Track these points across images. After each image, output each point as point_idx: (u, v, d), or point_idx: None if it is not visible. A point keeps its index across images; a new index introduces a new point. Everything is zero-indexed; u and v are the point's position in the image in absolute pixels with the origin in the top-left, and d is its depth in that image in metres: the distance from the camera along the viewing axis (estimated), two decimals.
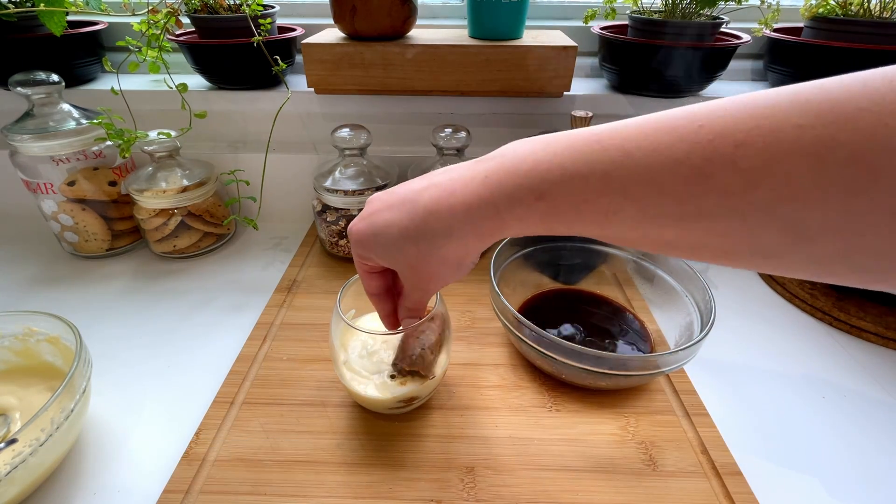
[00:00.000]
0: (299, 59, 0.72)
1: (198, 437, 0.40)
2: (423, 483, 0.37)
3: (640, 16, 0.65)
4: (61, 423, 0.35)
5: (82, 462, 0.40)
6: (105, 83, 0.71)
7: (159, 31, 0.56)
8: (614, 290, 0.56)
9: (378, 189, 0.59)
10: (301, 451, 0.39)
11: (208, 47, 0.65)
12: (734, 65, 0.69)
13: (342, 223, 0.60)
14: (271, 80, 0.68)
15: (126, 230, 0.66)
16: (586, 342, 0.49)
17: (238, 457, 0.39)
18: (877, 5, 0.62)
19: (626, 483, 0.37)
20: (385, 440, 0.40)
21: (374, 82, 0.63)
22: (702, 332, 0.41)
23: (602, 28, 0.70)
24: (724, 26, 0.64)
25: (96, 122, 0.55)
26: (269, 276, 0.62)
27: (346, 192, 0.58)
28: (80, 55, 0.69)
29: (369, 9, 0.59)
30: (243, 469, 0.38)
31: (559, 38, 0.64)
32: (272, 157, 0.66)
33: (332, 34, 0.66)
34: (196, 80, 0.70)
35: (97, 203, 0.62)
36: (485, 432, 0.41)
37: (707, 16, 0.65)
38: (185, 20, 0.66)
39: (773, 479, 0.39)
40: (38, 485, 0.37)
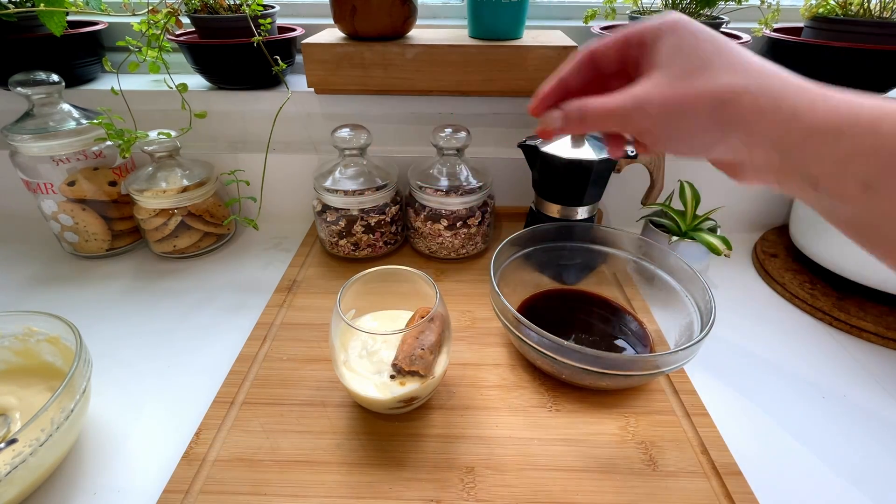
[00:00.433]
0: (299, 59, 0.72)
1: (198, 437, 0.40)
2: (423, 483, 0.37)
3: (640, 16, 0.65)
4: (61, 423, 0.35)
5: (82, 462, 0.40)
6: (105, 83, 0.71)
7: (159, 31, 0.56)
8: (614, 290, 0.56)
9: (378, 189, 0.59)
10: (301, 451, 0.39)
11: (208, 47, 0.65)
12: None
13: (342, 223, 0.60)
14: (271, 80, 0.68)
15: (126, 230, 0.66)
16: (586, 342, 0.49)
17: (238, 457, 0.39)
18: (877, 5, 0.62)
19: (626, 483, 0.37)
20: (385, 440, 0.40)
21: (374, 82, 0.63)
22: (702, 332, 0.41)
23: (602, 28, 0.70)
24: (724, 26, 0.64)
25: (96, 122, 0.55)
26: (269, 276, 0.62)
27: (346, 192, 0.58)
28: (80, 55, 0.69)
29: (369, 9, 0.59)
30: (243, 469, 0.38)
31: (559, 38, 0.64)
32: (272, 157, 0.66)
33: (332, 34, 0.66)
34: (196, 80, 0.70)
35: (97, 203, 0.62)
36: (485, 432, 0.41)
37: (707, 16, 0.65)
38: (185, 20, 0.66)
39: (773, 479, 0.39)
40: (38, 485, 0.37)
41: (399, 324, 0.44)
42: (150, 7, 0.57)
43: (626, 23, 0.68)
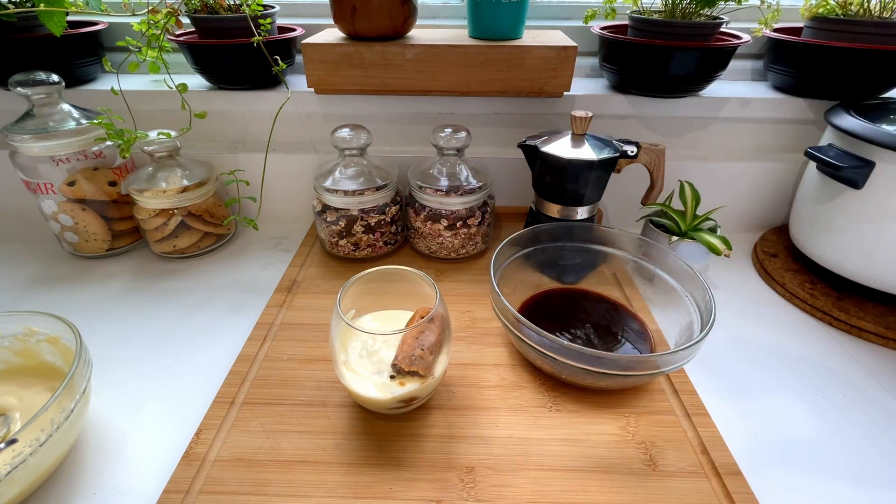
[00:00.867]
0: (299, 59, 0.72)
1: (198, 437, 0.40)
2: (423, 483, 0.37)
3: (640, 16, 0.65)
4: (61, 424, 0.35)
5: (82, 462, 0.40)
6: (105, 83, 0.71)
7: (159, 32, 0.56)
8: (614, 290, 0.56)
9: (378, 189, 0.59)
10: (301, 451, 0.39)
11: (208, 47, 0.65)
12: (734, 65, 0.69)
13: (342, 223, 0.60)
14: (271, 80, 0.68)
15: (126, 230, 0.66)
16: (586, 342, 0.49)
17: (238, 457, 0.39)
18: (877, 5, 0.62)
19: (626, 483, 0.37)
20: (385, 440, 0.40)
21: (374, 82, 0.63)
22: (702, 332, 0.41)
23: (602, 28, 0.70)
24: (723, 26, 0.64)
25: (96, 122, 0.55)
26: (269, 276, 0.62)
27: (346, 192, 0.58)
28: (80, 55, 0.69)
29: (369, 9, 0.59)
30: (243, 469, 0.38)
31: (559, 38, 0.64)
32: (272, 157, 0.66)
33: (332, 34, 0.66)
34: (196, 80, 0.70)
35: (97, 203, 0.62)
36: (485, 432, 0.41)
37: (707, 16, 0.65)
38: (185, 20, 0.66)
39: (773, 479, 0.39)
40: (38, 485, 0.37)
41: (399, 324, 0.44)
42: (150, 7, 0.57)
43: (626, 22, 0.68)
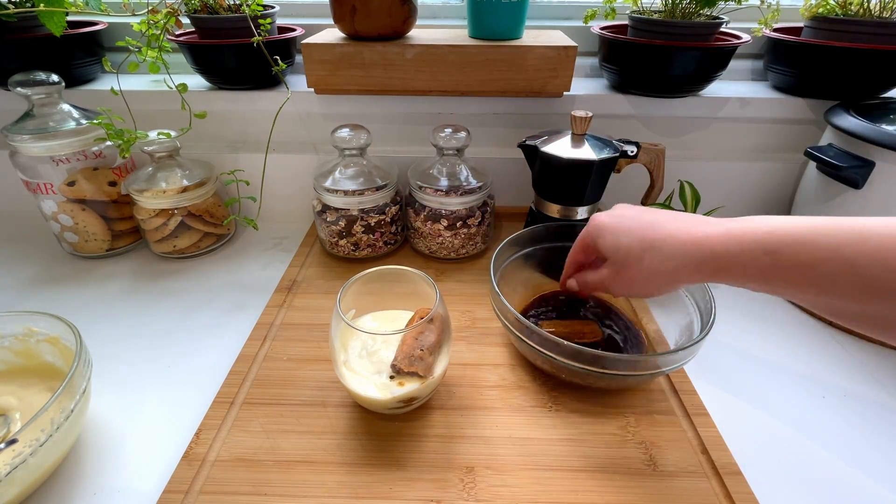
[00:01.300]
0: (299, 59, 0.72)
1: (198, 437, 0.40)
2: (423, 483, 0.37)
3: (640, 16, 0.65)
4: (61, 424, 0.35)
5: (82, 462, 0.40)
6: (105, 83, 0.71)
7: (159, 32, 0.56)
8: None
9: (378, 189, 0.59)
10: (301, 451, 0.39)
11: (208, 47, 0.65)
12: (734, 65, 0.69)
13: (342, 223, 0.60)
14: (271, 80, 0.68)
15: (126, 230, 0.66)
16: (586, 342, 0.49)
17: (238, 457, 0.39)
18: (877, 5, 0.62)
19: (626, 483, 0.37)
20: (385, 440, 0.40)
21: (374, 82, 0.63)
22: (702, 332, 0.41)
23: (602, 28, 0.70)
24: (723, 26, 0.64)
25: (96, 122, 0.55)
26: (269, 276, 0.62)
27: (346, 192, 0.58)
28: (80, 55, 0.69)
29: (369, 9, 0.59)
30: (243, 469, 0.38)
31: (559, 38, 0.64)
32: (272, 157, 0.66)
33: (332, 34, 0.66)
34: (196, 80, 0.70)
35: (97, 203, 0.62)
36: (485, 432, 0.41)
37: (707, 16, 0.65)
38: (185, 20, 0.66)
39: (773, 479, 0.39)
40: (38, 485, 0.37)
41: (399, 324, 0.44)
42: (150, 7, 0.57)
43: (626, 22, 0.68)
